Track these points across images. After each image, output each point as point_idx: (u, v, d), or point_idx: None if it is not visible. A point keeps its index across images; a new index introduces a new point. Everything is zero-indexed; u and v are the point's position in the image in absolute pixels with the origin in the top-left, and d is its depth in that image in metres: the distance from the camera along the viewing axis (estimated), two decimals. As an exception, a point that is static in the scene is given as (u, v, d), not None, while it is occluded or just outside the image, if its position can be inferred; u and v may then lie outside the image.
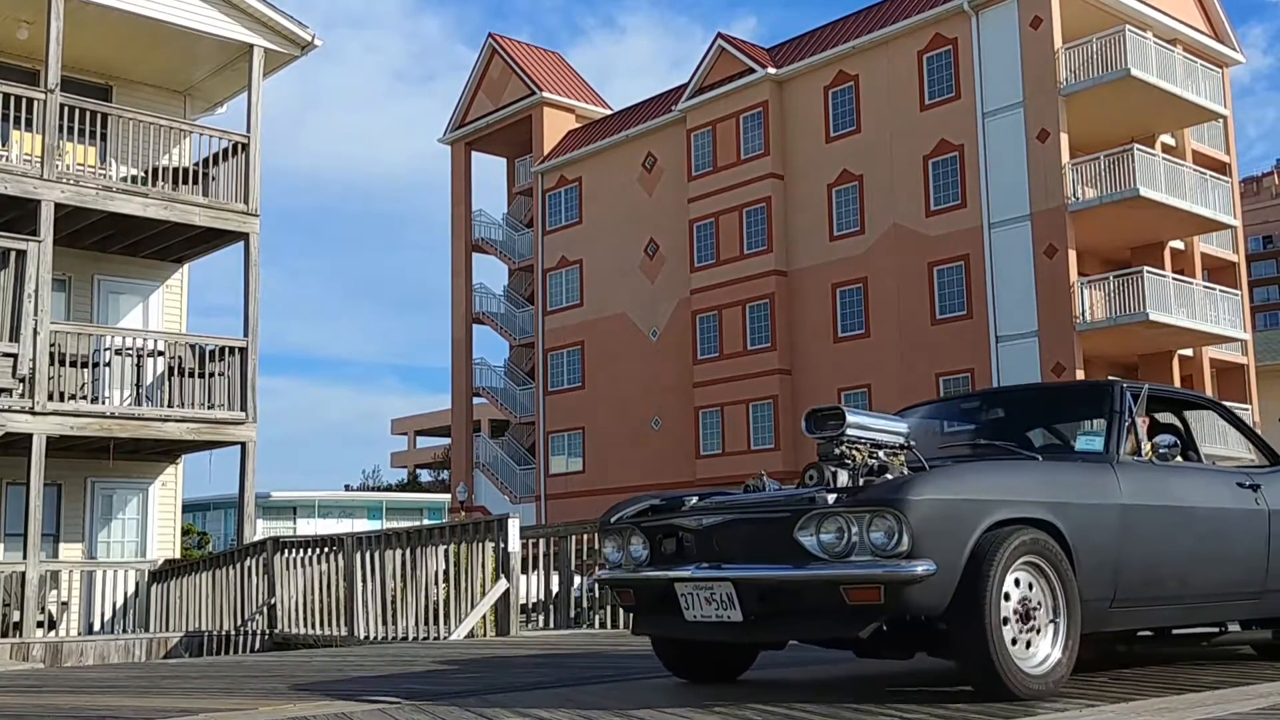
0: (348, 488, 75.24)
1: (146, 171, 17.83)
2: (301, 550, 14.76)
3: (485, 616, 12.05)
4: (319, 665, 8.39)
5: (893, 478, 4.77)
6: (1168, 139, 36.22)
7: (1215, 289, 34.59)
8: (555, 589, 12.93)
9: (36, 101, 16.61)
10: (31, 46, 17.99)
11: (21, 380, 15.78)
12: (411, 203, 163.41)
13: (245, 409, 17.78)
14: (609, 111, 47.26)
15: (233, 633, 15.45)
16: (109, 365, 17.31)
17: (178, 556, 19.76)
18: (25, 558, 16.09)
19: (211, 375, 17.74)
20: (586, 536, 12.66)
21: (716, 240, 39.96)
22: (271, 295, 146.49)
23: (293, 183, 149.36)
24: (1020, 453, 5.75)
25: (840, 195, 37.14)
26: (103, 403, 17.20)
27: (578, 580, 12.89)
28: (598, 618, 12.75)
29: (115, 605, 17.73)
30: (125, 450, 18.44)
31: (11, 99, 16.39)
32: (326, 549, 14.23)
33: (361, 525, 48.01)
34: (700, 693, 5.31)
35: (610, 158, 44.10)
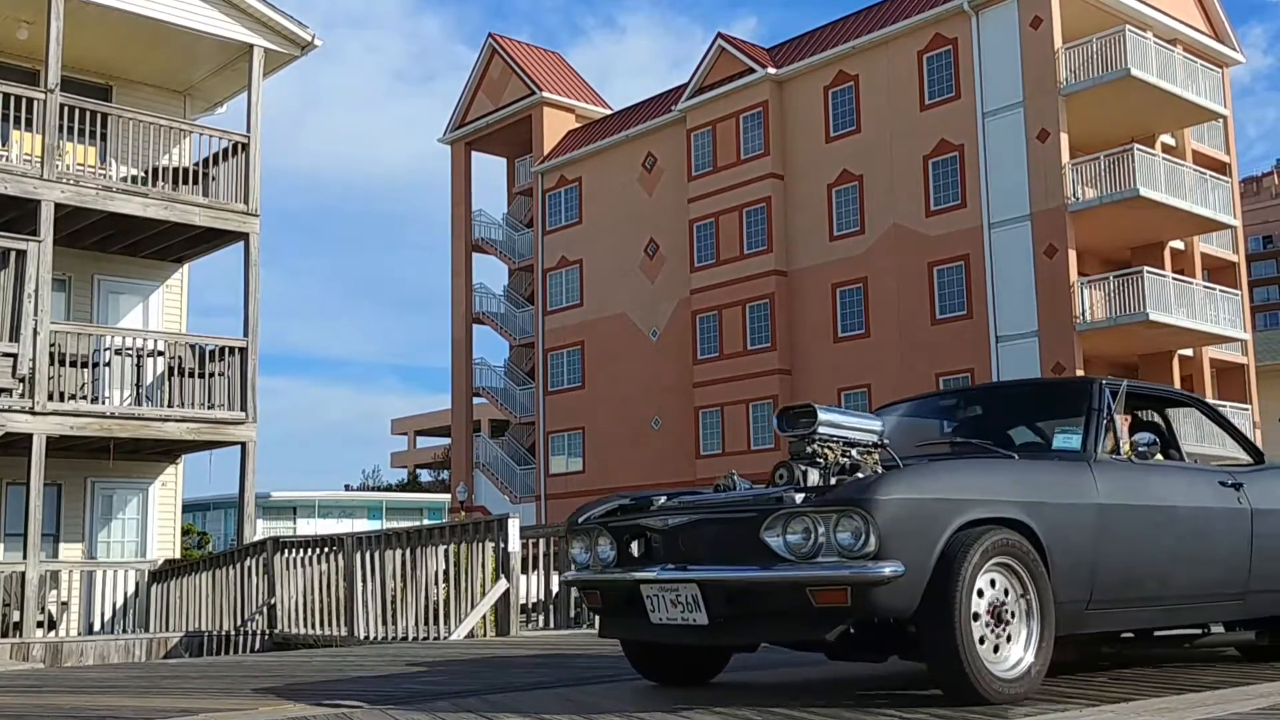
0: (348, 488, 75.20)
1: (146, 171, 17.83)
2: (301, 550, 14.75)
3: (485, 616, 12.05)
4: (319, 665, 8.39)
5: (862, 477, 4.64)
6: (1168, 139, 36.20)
7: (1215, 289, 34.57)
8: (555, 589, 12.92)
9: (36, 101, 16.61)
10: (31, 46, 17.99)
11: (21, 380, 15.78)
12: (411, 203, 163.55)
13: (245, 409, 17.79)
14: (609, 111, 47.24)
15: (233, 633, 15.43)
16: (109, 365, 17.31)
17: (178, 556, 19.76)
18: (25, 558, 16.08)
19: (211, 375, 17.74)
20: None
21: (716, 240, 39.95)
22: (271, 295, 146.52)
23: (293, 183, 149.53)
24: (995, 451, 5.59)
25: (840, 195, 37.13)
26: (103, 403, 17.20)
27: (578, 580, 12.85)
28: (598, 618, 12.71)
29: (115, 605, 17.72)
30: (125, 450, 18.44)
31: (11, 99, 16.39)
32: (326, 549, 14.21)
33: (361, 525, 47.94)
34: (698, 695, 5.30)
35: (610, 158, 44.08)
